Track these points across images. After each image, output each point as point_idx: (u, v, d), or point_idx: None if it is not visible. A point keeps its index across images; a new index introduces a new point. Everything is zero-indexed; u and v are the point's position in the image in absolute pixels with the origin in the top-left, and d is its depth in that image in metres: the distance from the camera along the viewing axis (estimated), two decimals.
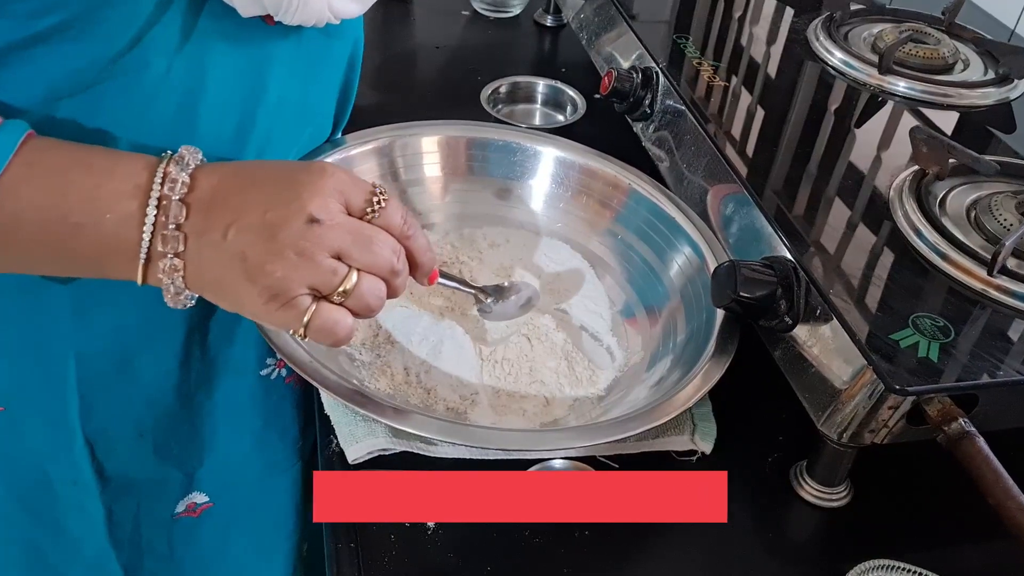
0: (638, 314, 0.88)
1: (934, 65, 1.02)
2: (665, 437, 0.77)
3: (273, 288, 0.57)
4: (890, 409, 0.65)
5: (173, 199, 0.57)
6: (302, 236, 0.56)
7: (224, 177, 0.59)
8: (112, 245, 0.58)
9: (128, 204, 0.58)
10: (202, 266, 0.58)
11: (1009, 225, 0.76)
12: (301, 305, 0.58)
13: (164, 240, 0.57)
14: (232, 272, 0.57)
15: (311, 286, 0.58)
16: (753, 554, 0.72)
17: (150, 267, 0.58)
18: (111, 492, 0.84)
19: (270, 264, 0.56)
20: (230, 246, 0.57)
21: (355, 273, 0.59)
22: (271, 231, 0.56)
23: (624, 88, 1.02)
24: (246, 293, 0.58)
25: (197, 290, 0.60)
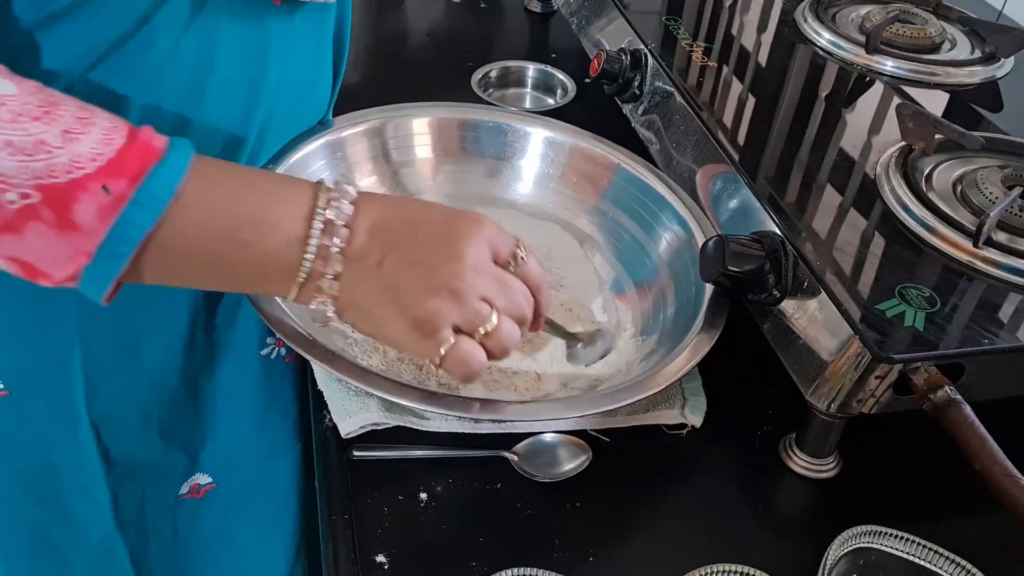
0: (628, 290, 0.89)
1: (921, 45, 1.03)
2: (655, 411, 0.77)
3: (421, 320, 0.61)
4: (877, 379, 0.66)
5: (338, 223, 0.60)
6: (457, 278, 0.61)
7: (386, 208, 0.63)
8: (274, 264, 0.60)
9: (294, 226, 0.60)
10: (356, 289, 0.61)
11: (995, 198, 0.77)
12: (442, 337, 0.61)
13: (326, 261, 0.60)
14: (384, 299, 0.61)
15: (456, 324, 0.61)
16: (744, 525, 0.73)
17: (306, 287, 0.61)
18: (116, 476, 0.84)
19: (423, 298, 0.60)
20: (386, 275, 0.61)
21: (496, 316, 0.62)
22: (429, 269, 0.61)
23: (613, 70, 1.03)
24: (393, 320, 0.61)
25: (344, 310, 0.62)
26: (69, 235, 0.54)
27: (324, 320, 0.62)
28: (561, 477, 0.73)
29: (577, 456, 0.74)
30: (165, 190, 0.56)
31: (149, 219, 0.55)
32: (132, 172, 0.55)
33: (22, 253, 0.55)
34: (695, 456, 0.77)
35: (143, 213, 0.55)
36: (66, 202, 0.53)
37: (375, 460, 0.73)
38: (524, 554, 0.67)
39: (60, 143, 0.53)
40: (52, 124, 0.54)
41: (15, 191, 0.52)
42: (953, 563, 0.64)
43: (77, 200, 0.53)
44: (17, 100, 0.54)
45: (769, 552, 0.69)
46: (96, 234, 0.54)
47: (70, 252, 0.55)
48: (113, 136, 0.55)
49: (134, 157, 0.55)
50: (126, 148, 0.55)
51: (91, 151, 0.54)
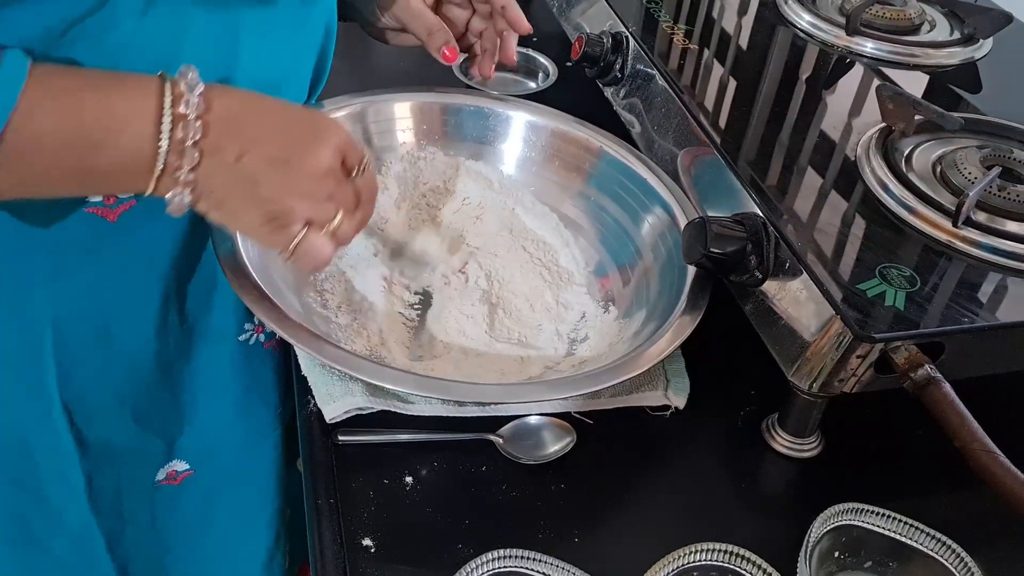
0: (611, 273, 0.89)
1: (901, 26, 1.03)
2: (639, 392, 0.78)
3: (275, 214, 0.64)
4: (858, 358, 0.66)
5: (190, 117, 0.61)
6: (314, 178, 0.65)
7: (240, 102, 0.65)
8: (129, 160, 0.61)
9: (143, 121, 0.60)
10: (212, 182, 0.63)
11: (974, 178, 0.77)
12: (293, 230, 0.65)
13: (182, 154, 0.61)
14: (240, 192, 0.64)
15: (307, 218, 0.65)
16: (727, 505, 0.73)
17: (162, 180, 0.62)
18: (91, 459, 0.84)
19: (280, 195, 0.64)
20: (244, 169, 0.63)
21: (339, 215, 0.67)
22: (287, 167, 0.64)
23: (595, 53, 1.03)
24: (247, 213, 0.65)
25: (201, 203, 0.64)
26: None
27: (178, 209, 0.63)
28: (546, 459, 0.73)
29: (561, 438, 0.75)
30: (6, 96, 0.56)
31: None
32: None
33: None
34: (678, 437, 0.78)
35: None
36: None
37: (360, 444, 0.74)
38: (509, 536, 0.67)
39: None
40: None
41: None
42: (934, 539, 0.64)
43: None
44: None
45: (752, 531, 0.70)
46: None
47: None
48: None
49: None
50: None
51: None
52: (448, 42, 0.92)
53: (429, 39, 0.92)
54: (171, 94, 0.61)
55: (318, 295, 0.82)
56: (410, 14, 0.92)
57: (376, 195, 0.72)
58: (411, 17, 0.92)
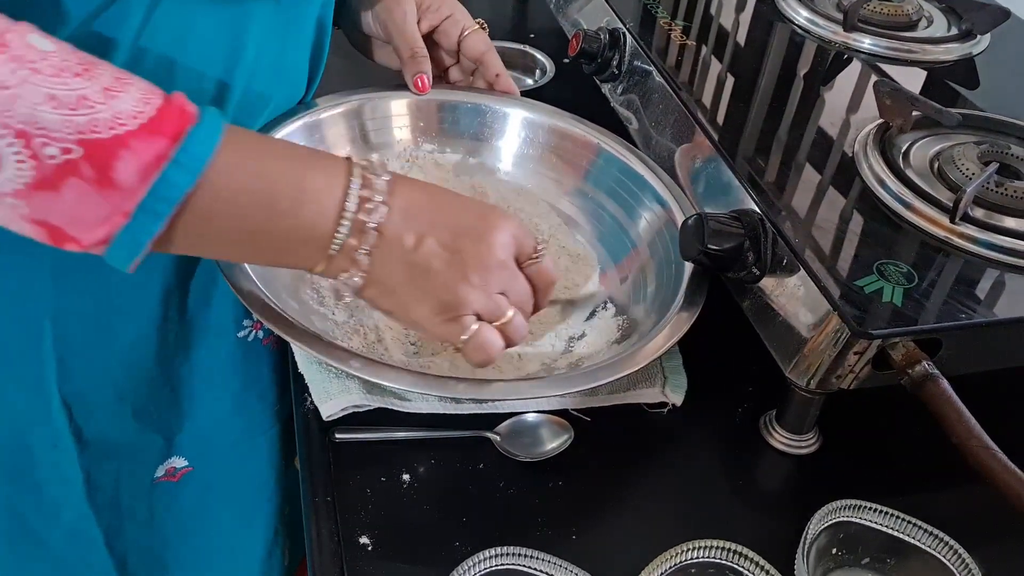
0: (608, 270, 0.89)
1: (898, 22, 1.03)
2: (636, 390, 0.78)
3: (449, 305, 0.64)
4: (856, 354, 0.66)
5: (375, 200, 0.61)
6: (486, 269, 0.65)
7: (420, 191, 0.66)
8: (306, 234, 0.61)
9: (329, 197, 0.61)
10: (387, 267, 0.63)
11: (971, 174, 0.77)
12: (467, 323, 0.65)
13: (362, 236, 0.61)
14: (413, 280, 0.64)
15: (477, 311, 0.65)
16: (725, 502, 0.73)
17: (335, 260, 0.62)
18: (90, 456, 0.84)
19: (454, 285, 0.64)
20: (419, 257, 0.63)
21: (511, 309, 0.67)
22: (462, 256, 0.64)
23: (592, 49, 1.03)
24: (420, 301, 0.65)
25: (370, 288, 0.64)
26: (108, 193, 0.54)
27: (342, 294, 0.64)
28: (543, 457, 0.73)
29: (559, 435, 0.74)
30: (205, 150, 0.56)
31: (189, 179, 0.55)
32: (172, 132, 0.55)
33: (53, 215, 0.54)
34: (676, 434, 0.77)
35: (184, 173, 0.55)
36: (108, 159, 0.53)
37: (357, 442, 0.73)
38: (507, 533, 0.67)
39: (102, 99, 0.53)
40: (93, 81, 0.54)
41: (57, 145, 0.52)
42: (931, 536, 0.64)
43: (119, 157, 0.53)
44: (58, 56, 0.53)
45: (750, 527, 0.70)
46: (136, 193, 0.54)
47: (107, 211, 0.54)
48: (151, 97, 0.55)
49: (172, 117, 0.55)
50: (164, 108, 0.55)
51: (132, 109, 0.54)
52: (425, 72, 0.92)
53: (410, 60, 0.92)
54: (360, 176, 0.62)
55: (315, 292, 0.82)
56: (398, 31, 0.92)
57: (552, 287, 0.71)
58: (399, 33, 0.92)
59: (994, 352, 0.72)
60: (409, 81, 0.93)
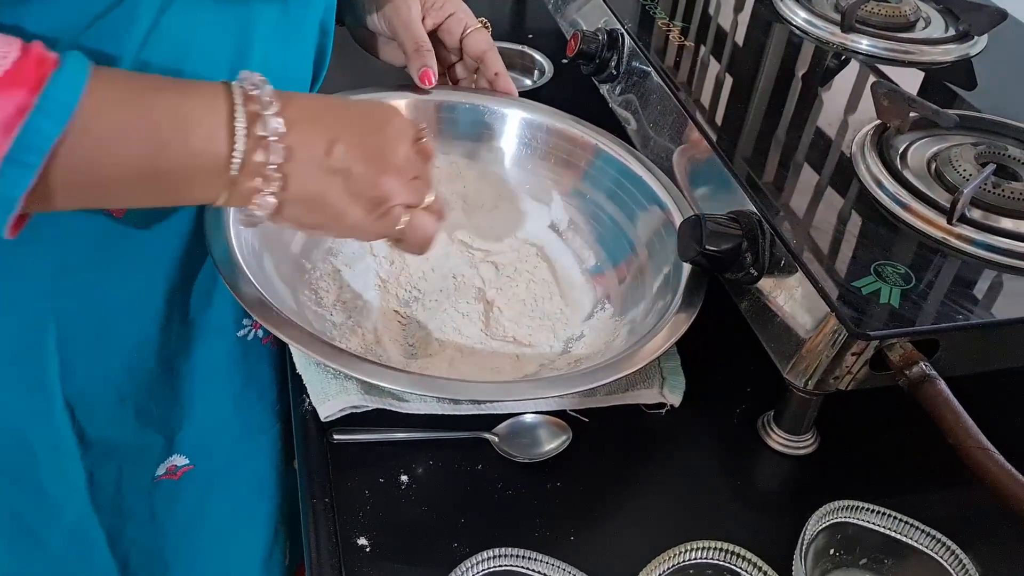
0: (607, 271, 0.89)
1: (896, 23, 1.03)
2: (635, 390, 0.78)
3: (377, 200, 0.65)
4: (853, 355, 0.66)
5: (267, 114, 0.60)
6: (399, 159, 0.66)
7: (308, 98, 0.66)
8: (201, 160, 0.59)
9: (214, 119, 0.59)
10: (305, 179, 0.62)
11: (968, 175, 0.77)
12: (397, 213, 0.67)
13: (265, 151, 0.60)
14: (336, 186, 0.64)
15: (404, 200, 0.67)
16: (723, 503, 0.73)
17: (240, 183, 0.60)
18: (92, 456, 0.84)
19: (377, 180, 0.65)
20: (336, 161, 0.63)
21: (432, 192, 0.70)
22: (377, 153, 0.65)
23: (590, 49, 1.03)
24: (350, 205, 0.65)
25: (291, 207, 0.63)
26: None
27: (255, 221, 0.63)
28: (541, 458, 0.73)
29: (557, 436, 0.75)
30: (70, 94, 0.55)
31: (56, 125, 0.54)
32: (31, 81, 0.54)
33: None
34: (674, 435, 0.78)
35: (49, 120, 0.54)
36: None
37: (355, 443, 0.73)
38: (505, 535, 0.67)
39: None
40: None
41: None
42: (929, 536, 0.64)
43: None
44: None
45: (748, 528, 0.70)
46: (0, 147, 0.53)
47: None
48: (7, 50, 0.54)
49: (30, 67, 0.54)
50: (21, 60, 0.54)
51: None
52: (430, 66, 0.93)
53: (414, 54, 0.93)
54: (241, 93, 0.60)
55: (313, 293, 0.82)
56: (404, 26, 0.92)
57: (432, 158, 0.72)
58: (404, 28, 0.92)
59: (991, 353, 0.72)
60: (415, 75, 0.93)
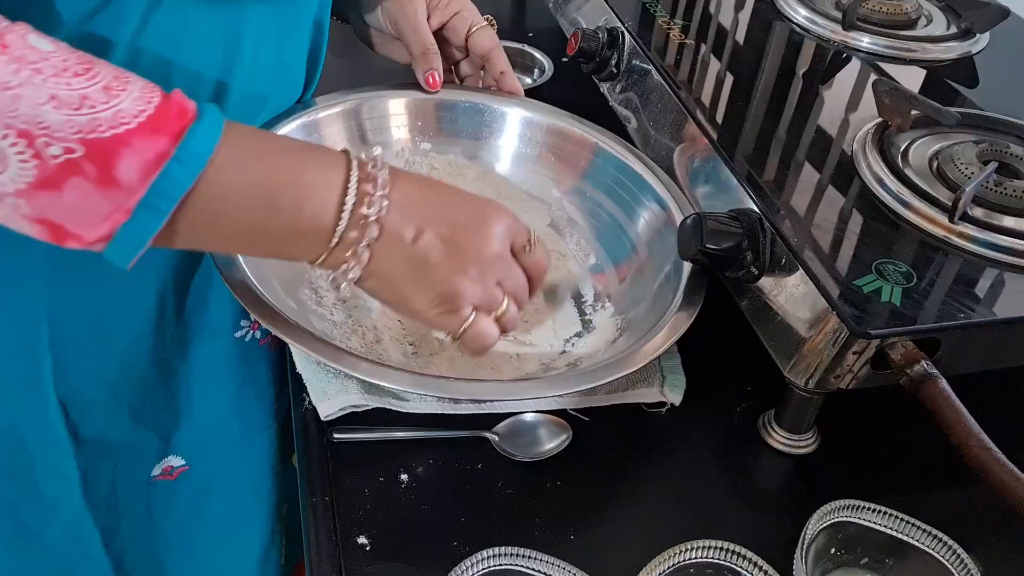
0: (607, 270, 0.89)
1: (897, 21, 1.03)
2: (635, 389, 0.77)
3: (447, 296, 0.65)
4: (854, 354, 0.66)
5: (375, 193, 0.62)
6: (483, 261, 0.66)
7: (418, 184, 0.67)
8: (307, 228, 0.61)
9: (329, 192, 0.61)
10: (387, 261, 0.64)
11: (970, 173, 0.77)
12: (464, 314, 0.66)
13: (363, 229, 0.62)
14: (412, 272, 0.65)
15: (475, 303, 0.66)
16: (723, 502, 0.73)
17: (334, 253, 0.62)
18: (86, 454, 0.84)
19: (452, 276, 0.65)
20: (418, 249, 0.64)
21: (507, 300, 0.69)
22: (460, 249, 0.65)
23: (590, 48, 1.03)
24: (419, 293, 0.65)
25: (369, 280, 0.65)
26: (110, 191, 0.54)
27: (340, 285, 0.64)
28: (541, 457, 0.73)
29: (557, 436, 0.74)
30: (205, 147, 0.56)
31: (190, 176, 0.56)
32: (173, 130, 0.55)
33: (55, 212, 0.54)
34: (674, 434, 0.77)
35: (184, 170, 0.56)
36: (110, 157, 0.53)
37: (355, 442, 0.73)
38: (505, 534, 0.67)
39: (104, 98, 0.54)
40: (93, 80, 0.54)
41: (59, 144, 0.52)
42: (930, 536, 0.64)
43: (120, 156, 0.53)
44: (58, 56, 0.54)
45: (749, 528, 0.70)
46: (137, 190, 0.54)
47: (108, 209, 0.55)
48: (151, 95, 0.56)
49: (173, 115, 0.56)
50: (163, 106, 0.55)
51: (133, 107, 0.54)
52: (436, 69, 0.92)
53: (421, 57, 0.92)
54: (358, 170, 0.62)
55: (313, 292, 0.81)
56: (410, 27, 0.92)
57: (544, 275, 0.72)
58: (410, 30, 0.92)
59: (993, 352, 0.71)
60: (421, 78, 0.93)
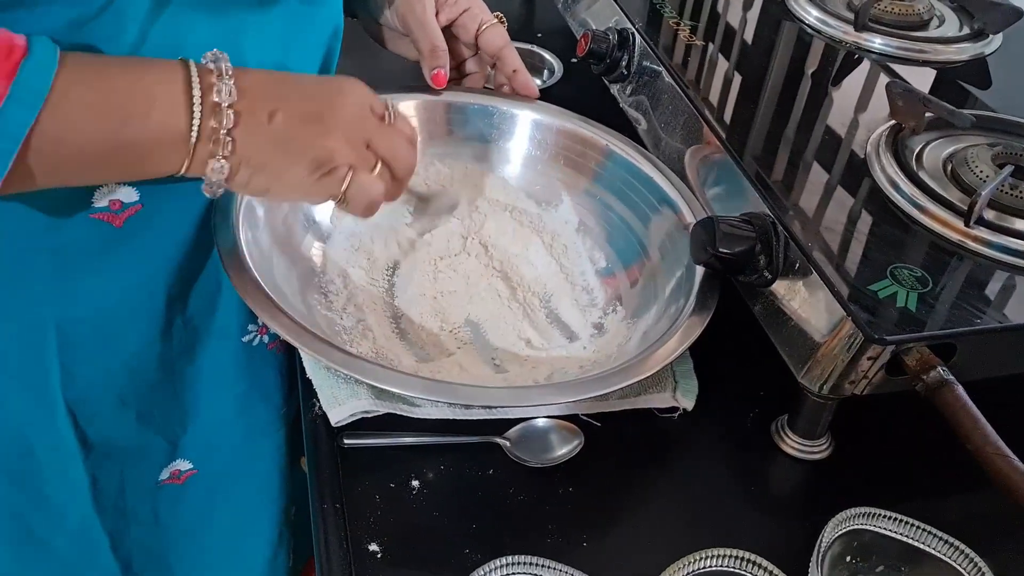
0: (618, 273, 0.88)
1: (909, 21, 1.02)
2: (647, 394, 0.77)
3: (319, 160, 0.66)
4: (869, 360, 0.65)
5: (221, 84, 0.62)
6: (346, 124, 0.67)
7: (265, 73, 0.67)
8: (162, 131, 0.62)
9: (173, 91, 0.62)
10: (250, 146, 0.64)
11: (985, 177, 0.76)
12: (340, 173, 0.67)
13: (218, 117, 0.62)
14: (278, 149, 0.65)
15: (349, 162, 0.67)
16: (736, 508, 0.73)
17: (199, 149, 0.62)
18: (94, 459, 0.84)
19: (318, 139, 0.65)
20: (277, 126, 0.64)
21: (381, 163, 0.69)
22: (318, 115, 0.66)
23: (600, 49, 1.02)
24: (291, 168, 0.66)
25: (241, 172, 0.65)
26: None
27: (216, 186, 0.64)
28: (553, 462, 0.73)
29: (569, 441, 0.74)
30: (41, 82, 0.57)
31: (30, 113, 0.56)
32: (3, 70, 0.55)
33: None
34: (687, 439, 0.77)
35: (23, 108, 0.56)
36: None
37: (366, 448, 0.73)
38: (517, 540, 0.67)
39: None
40: None
41: None
42: (946, 543, 0.64)
43: None
44: None
45: (762, 534, 0.69)
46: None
47: None
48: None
49: (1, 56, 0.56)
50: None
51: None
52: (443, 67, 0.92)
53: (429, 56, 0.92)
54: (197, 69, 0.62)
55: (322, 296, 0.81)
56: (419, 24, 0.91)
57: (415, 141, 0.73)
58: (419, 28, 0.91)
59: (1009, 357, 0.71)
60: (428, 76, 0.92)
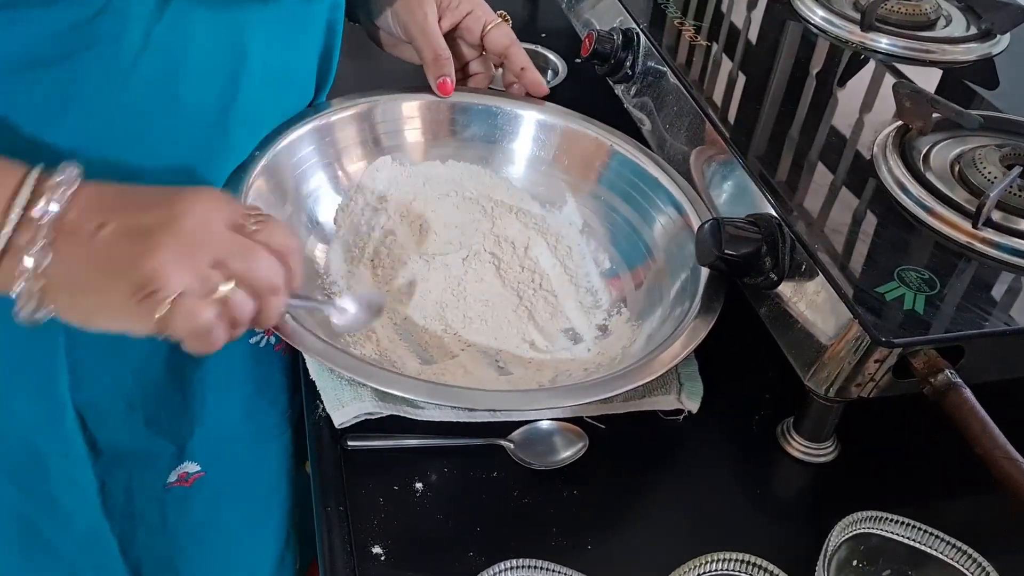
0: (623, 275, 0.88)
1: (916, 21, 1.02)
2: (652, 397, 0.77)
3: (140, 283, 0.54)
4: (876, 362, 0.65)
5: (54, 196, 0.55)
6: (184, 242, 0.55)
7: (111, 187, 0.58)
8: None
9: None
10: (67, 261, 0.55)
11: (993, 178, 0.76)
12: (160, 297, 0.55)
13: (34, 232, 0.54)
14: (97, 268, 0.56)
15: (181, 287, 0.55)
16: (742, 511, 0.72)
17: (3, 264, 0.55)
18: (103, 464, 0.84)
19: (140, 259, 0.54)
20: (100, 243, 0.55)
21: (230, 284, 0.57)
22: (147, 232, 0.55)
23: (605, 49, 1.02)
24: (111, 288, 0.55)
25: (55, 293, 0.56)
26: None
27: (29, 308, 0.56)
28: (557, 465, 0.72)
29: (573, 444, 0.73)
30: None
31: None
32: None
33: None
34: (692, 442, 0.76)
35: None
36: None
37: (369, 450, 0.73)
38: (521, 543, 0.66)
39: None
40: None
41: None
42: (953, 547, 0.63)
43: None
44: None
45: (768, 537, 0.69)
46: None
47: None
48: None
49: None
50: None
51: None
52: (449, 75, 0.91)
53: (433, 63, 0.91)
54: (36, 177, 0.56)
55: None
56: (420, 31, 0.91)
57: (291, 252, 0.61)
58: (422, 35, 0.91)
59: (1017, 360, 0.70)
60: (433, 84, 0.91)
